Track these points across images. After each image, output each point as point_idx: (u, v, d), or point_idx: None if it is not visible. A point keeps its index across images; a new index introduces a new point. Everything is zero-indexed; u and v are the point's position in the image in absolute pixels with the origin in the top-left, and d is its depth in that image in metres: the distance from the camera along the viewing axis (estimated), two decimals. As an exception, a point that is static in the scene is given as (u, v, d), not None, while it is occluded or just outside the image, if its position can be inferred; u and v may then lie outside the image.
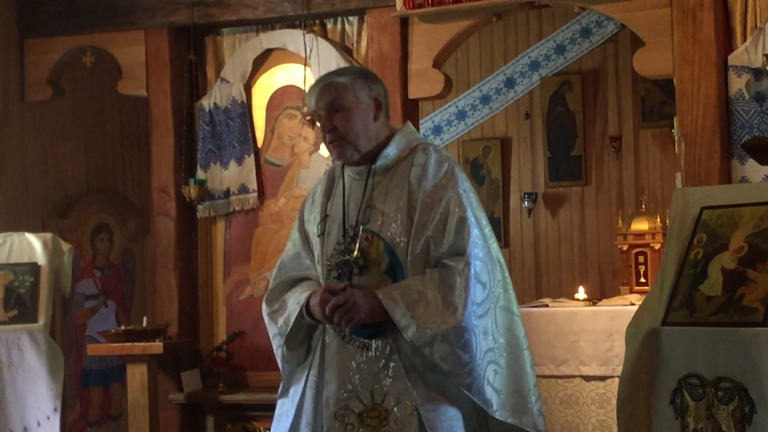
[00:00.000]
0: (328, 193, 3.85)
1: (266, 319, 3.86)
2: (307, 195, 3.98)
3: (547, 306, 6.90)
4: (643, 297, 4.24)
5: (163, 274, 6.87)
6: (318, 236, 3.79)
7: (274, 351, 3.85)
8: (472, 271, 3.57)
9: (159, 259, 6.90)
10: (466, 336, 3.53)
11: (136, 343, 6.45)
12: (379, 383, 3.60)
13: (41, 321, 5.92)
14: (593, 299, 7.18)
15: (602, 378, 6.50)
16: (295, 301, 3.74)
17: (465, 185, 3.69)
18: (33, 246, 6.12)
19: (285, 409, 3.82)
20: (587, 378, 6.54)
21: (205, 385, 6.78)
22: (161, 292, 6.88)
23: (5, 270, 6.06)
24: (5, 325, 5.89)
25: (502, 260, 3.73)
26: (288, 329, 3.73)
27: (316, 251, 3.80)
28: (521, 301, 8.58)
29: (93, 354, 6.93)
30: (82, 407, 7.63)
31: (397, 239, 3.63)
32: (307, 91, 3.86)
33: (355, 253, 3.65)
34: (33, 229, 6.54)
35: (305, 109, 6.17)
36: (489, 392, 3.59)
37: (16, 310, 5.96)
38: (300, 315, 3.70)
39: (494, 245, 3.71)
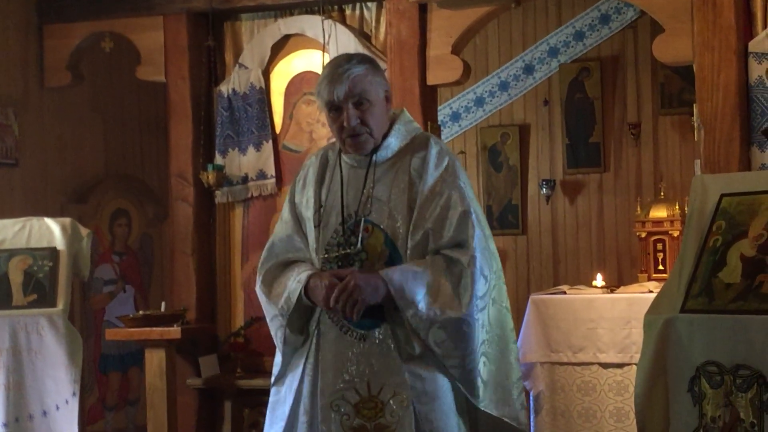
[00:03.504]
0: (321, 179, 3.80)
1: (263, 299, 3.83)
2: (296, 176, 3.92)
3: (564, 293, 6.88)
4: (662, 284, 4.23)
5: (181, 260, 6.89)
6: (314, 227, 3.75)
7: (273, 334, 3.82)
8: (478, 265, 3.58)
9: (177, 245, 6.92)
10: (464, 328, 3.55)
11: (154, 328, 6.47)
12: (375, 375, 3.60)
13: (60, 305, 5.94)
14: (611, 286, 7.16)
15: (620, 365, 6.49)
16: (295, 280, 3.70)
17: (464, 178, 3.70)
18: (52, 231, 6.14)
19: (282, 395, 3.81)
20: (605, 365, 6.53)
21: (223, 371, 6.80)
22: (179, 278, 6.90)
23: (24, 254, 6.08)
24: (24, 310, 5.91)
25: (496, 252, 3.75)
26: (290, 309, 3.70)
27: (312, 241, 3.77)
28: (539, 288, 8.64)
29: (111, 339, 6.95)
30: (101, 392, 7.67)
31: (398, 231, 3.62)
32: (320, 80, 3.70)
33: (358, 245, 3.64)
34: (52, 214, 6.56)
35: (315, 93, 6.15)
36: (478, 383, 3.61)
37: (35, 295, 5.98)
38: (300, 295, 3.66)
39: (491, 239, 3.73)
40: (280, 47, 6.84)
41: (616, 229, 9.03)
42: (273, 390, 3.87)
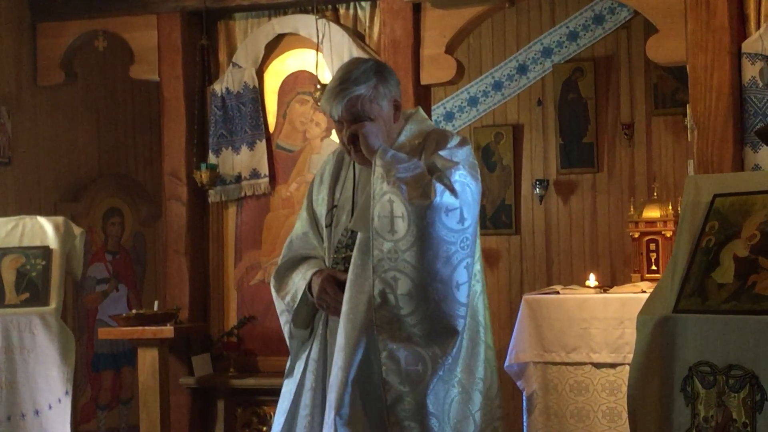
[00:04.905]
0: (336, 176, 3.85)
1: (274, 294, 3.91)
2: (316, 174, 3.98)
3: (557, 293, 6.89)
4: (654, 284, 4.23)
5: (174, 259, 6.88)
6: (326, 227, 3.79)
7: (282, 327, 3.89)
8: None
9: (170, 244, 6.91)
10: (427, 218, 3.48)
11: (147, 328, 6.46)
12: None
13: (53, 304, 5.94)
14: (604, 286, 7.17)
15: (613, 365, 6.50)
16: (301, 277, 3.77)
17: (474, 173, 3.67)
18: (45, 229, 6.13)
19: (288, 389, 3.86)
20: (598, 365, 6.54)
21: (216, 370, 6.80)
22: (172, 277, 6.90)
23: (17, 253, 6.08)
24: (17, 308, 5.91)
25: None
26: (296, 305, 3.76)
27: (325, 241, 3.82)
28: (532, 288, 8.64)
29: (104, 338, 6.95)
30: (93, 390, 7.66)
31: None
32: (325, 92, 3.73)
33: None
34: (45, 213, 6.56)
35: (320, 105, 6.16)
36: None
37: (27, 294, 5.98)
38: (304, 292, 3.74)
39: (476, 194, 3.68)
40: (274, 46, 6.83)
41: (610, 229, 9.03)
42: (284, 382, 3.93)
